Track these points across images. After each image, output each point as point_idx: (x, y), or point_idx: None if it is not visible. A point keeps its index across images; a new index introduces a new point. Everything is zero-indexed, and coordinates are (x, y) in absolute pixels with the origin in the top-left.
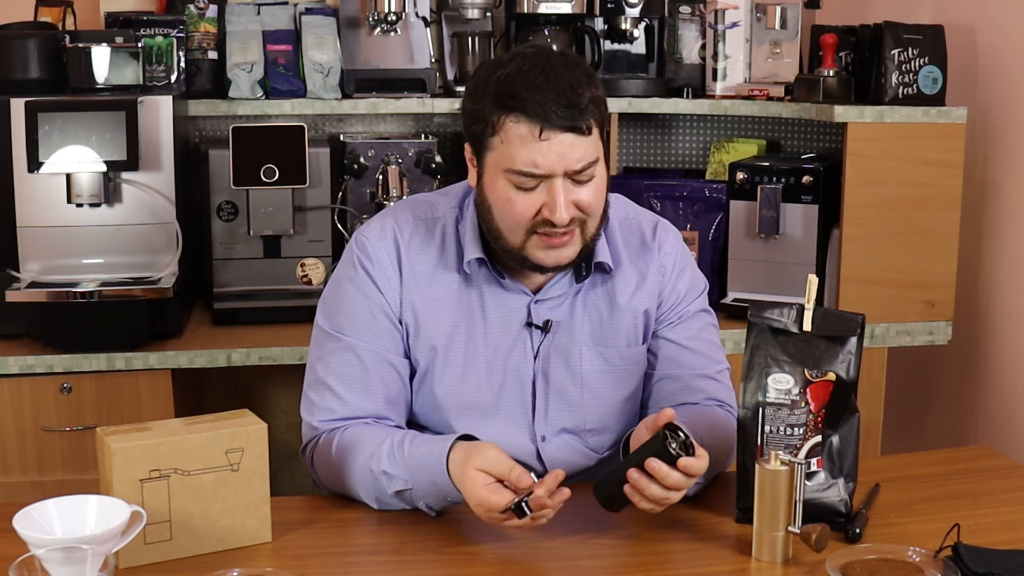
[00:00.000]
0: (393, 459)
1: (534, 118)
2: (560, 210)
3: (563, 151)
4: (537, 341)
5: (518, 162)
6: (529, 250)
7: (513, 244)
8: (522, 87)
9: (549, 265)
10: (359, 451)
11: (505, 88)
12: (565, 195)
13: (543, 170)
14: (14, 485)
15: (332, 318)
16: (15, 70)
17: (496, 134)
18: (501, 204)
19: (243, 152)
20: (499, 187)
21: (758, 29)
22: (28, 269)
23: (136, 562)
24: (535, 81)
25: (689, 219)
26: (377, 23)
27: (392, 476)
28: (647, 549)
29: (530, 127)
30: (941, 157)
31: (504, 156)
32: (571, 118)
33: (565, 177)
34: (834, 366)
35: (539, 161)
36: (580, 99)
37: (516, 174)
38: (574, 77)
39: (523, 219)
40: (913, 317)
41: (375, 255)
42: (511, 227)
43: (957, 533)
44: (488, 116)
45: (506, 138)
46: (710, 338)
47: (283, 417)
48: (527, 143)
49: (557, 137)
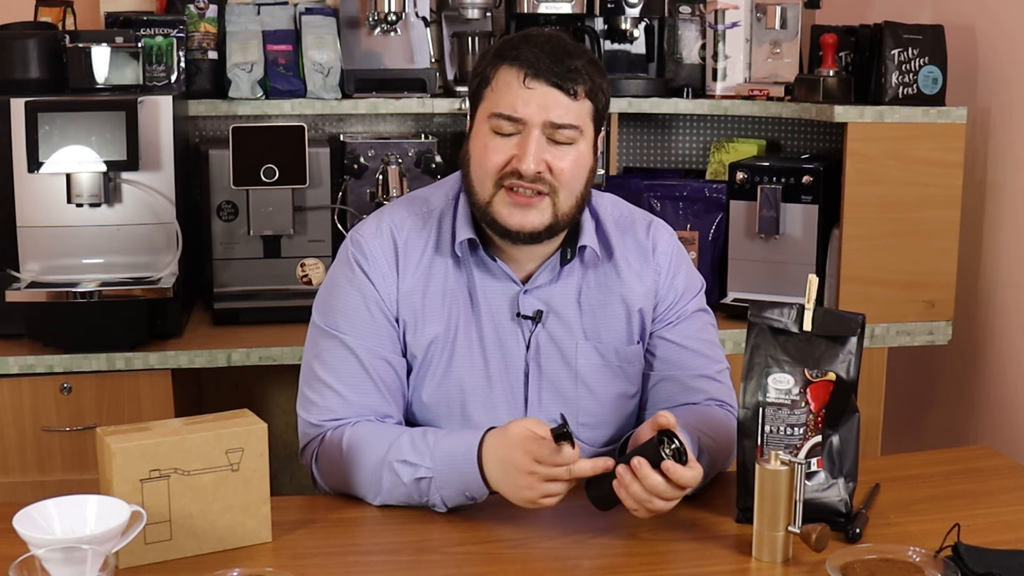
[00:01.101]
0: (416, 448)
1: (524, 65)
2: (529, 158)
3: (545, 103)
4: (528, 332)
5: (501, 105)
6: (496, 206)
7: (482, 198)
8: (522, 42)
9: (514, 227)
10: (372, 446)
11: (510, 43)
12: (538, 148)
13: (521, 115)
14: (14, 485)
15: (328, 316)
16: (15, 70)
17: (489, 84)
18: (477, 152)
19: (243, 152)
20: (480, 135)
21: (758, 29)
22: (28, 269)
23: (136, 562)
24: (536, 40)
25: (689, 219)
26: (377, 23)
27: (415, 465)
28: (647, 549)
29: (518, 73)
30: (941, 157)
31: (491, 102)
32: (559, 75)
33: (543, 132)
34: (834, 366)
35: (518, 107)
36: (572, 62)
37: (496, 117)
38: (575, 49)
39: (493, 166)
40: (913, 317)
41: (371, 252)
42: (481, 177)
43: (957, 533)
44: (486, 69)
45: (496, 85)
46: (709, 338)
47: (283, 417)
48: (512, 88)
49: (542, 88)
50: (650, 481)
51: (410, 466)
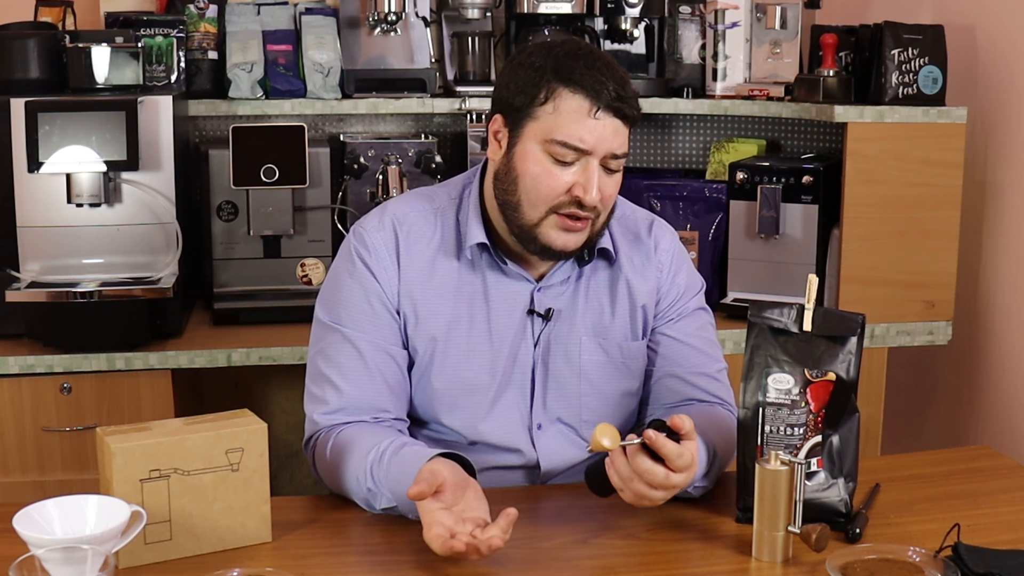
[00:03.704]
0: (375, 477)
1: (591, 94)
2: (593, 190)
3: (608, 134)
4: (538, 329)
5: (566, 134)
6: (544, 228)
7: (529, 220)
8: (583, 64)
9: (558, 248)
10: (351, 456)
11: (565, 62)
12: (600, 179)
13: (587, 146)
14: (14, 485)
15: (331, 310)
16: (15, 70)
17: (548, 102)
18: (532, 176)
19: (243, 152)
20: (535, 158)
21: (758, 29)
22: (28, 269)
23: (136, 562)
24: (595, 64)
25: (689, 219)
26: (377, 23)
27: (376, 494)
28: (647, 549)
29: (585, 102)
30: (941, 157)
31: (551, 126)
32: (622, 104)
33: (600, 162)
34: (834, 366)
35: (586, 137)
36: (630, 90)
37: (560, 145)
38: (623, 73)
39: (552, 193)
40: (913, 317)
41: (372, 246)
42: (535, 201)
43: (957, 533)
44: (544, 84)
45: (558, 108)
46: (708, 336)
47: (283, 417)
48: (579, 117)
49: (607, 119)
50: (636, 459)
51: (375, 495)
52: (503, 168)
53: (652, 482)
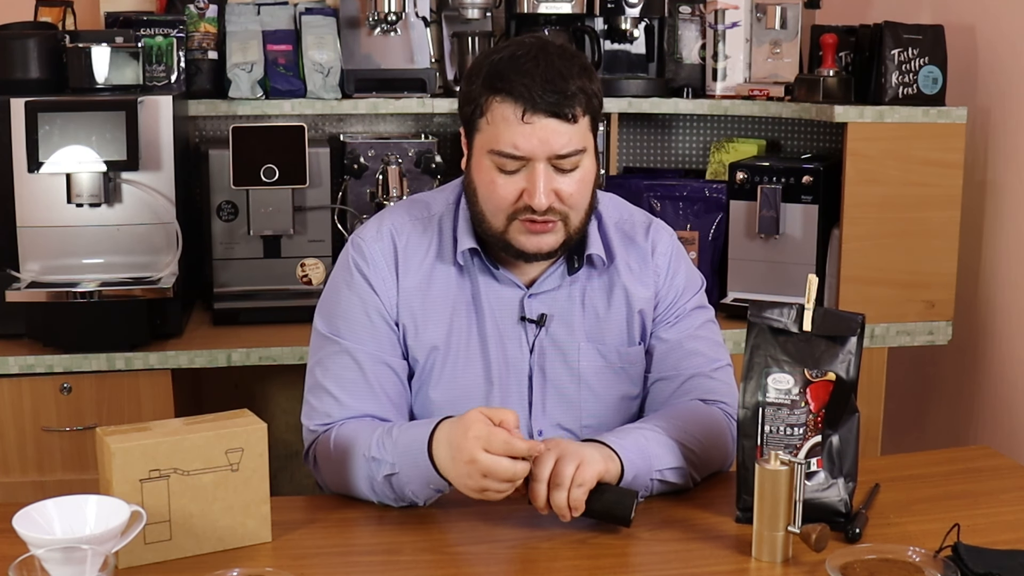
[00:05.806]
0: (382, 445)
1: (519, 100)
2: (539, 195)
3: (546, 136)
4: (532, 335)
5: (501, 143)
6: (511, 235)
7: (496, 228)
8: (511, 71)
9: (531, 251)
10: (356, 443)
11: (495, 70)
12: (546, 181)
13: (523, 152)
14: (14, 485)
15: (329, 321)
16: (15, 70)
17: (484, 115)
18: (484, 186)
19: (243, 152)
20: (484, 168)
21: (758, 29)
22: (28, 269)
23: (136, 562)
24: (525, 66)
25: (689, 219)
26: (377, 23)
27: (380, 461)
28: (647, 549)
29: (514, 108)
30: (941, 157)
31: (489, 137)
32: (556, 104)
33: (548, 163)
34: (834, 366)
35: (520, 143)
36: (567, 86)
37: (499, 155)
38: (565, 66)
39: (504, 203)
40: (913, 317)
41: (371, 257)
42: (493, 210)
43: (957, 533)
44: (477, 97)
45: (492, 119)
46: (708, 335)
47: (283, 417)
48: (510, 124)
49: (541, 121)
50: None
51: (377, 463)
52: (467, 180)
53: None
